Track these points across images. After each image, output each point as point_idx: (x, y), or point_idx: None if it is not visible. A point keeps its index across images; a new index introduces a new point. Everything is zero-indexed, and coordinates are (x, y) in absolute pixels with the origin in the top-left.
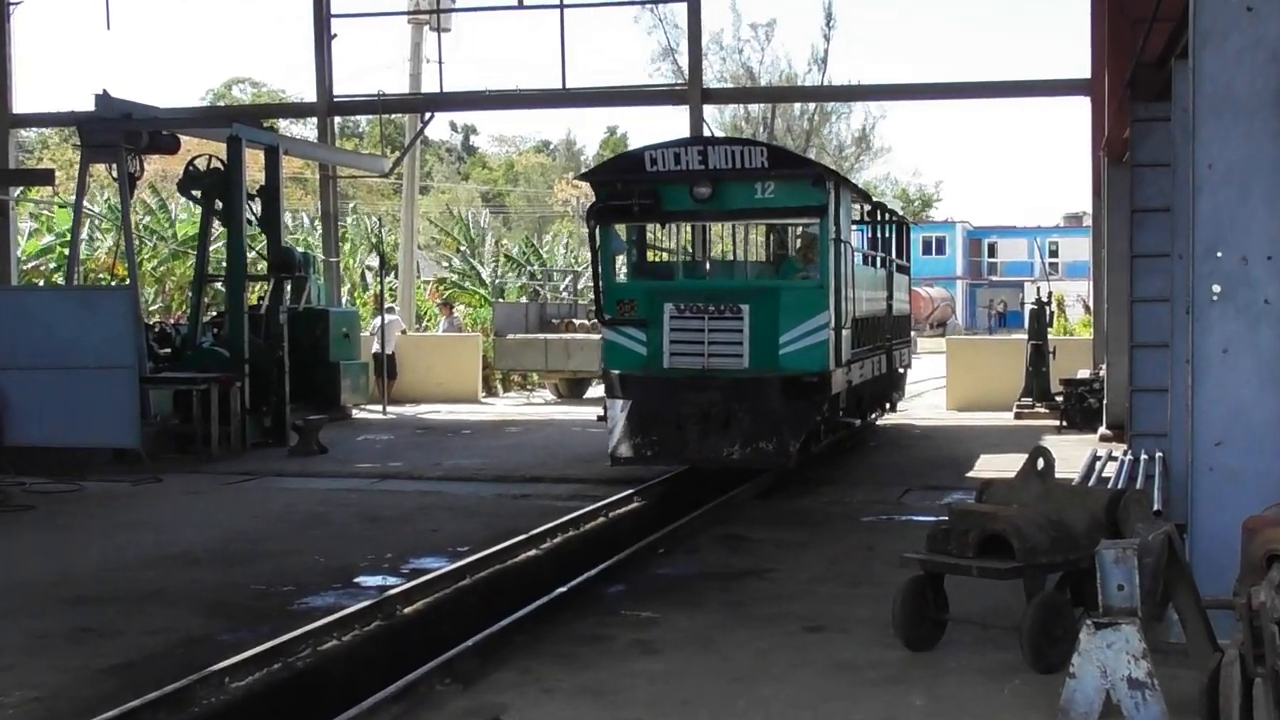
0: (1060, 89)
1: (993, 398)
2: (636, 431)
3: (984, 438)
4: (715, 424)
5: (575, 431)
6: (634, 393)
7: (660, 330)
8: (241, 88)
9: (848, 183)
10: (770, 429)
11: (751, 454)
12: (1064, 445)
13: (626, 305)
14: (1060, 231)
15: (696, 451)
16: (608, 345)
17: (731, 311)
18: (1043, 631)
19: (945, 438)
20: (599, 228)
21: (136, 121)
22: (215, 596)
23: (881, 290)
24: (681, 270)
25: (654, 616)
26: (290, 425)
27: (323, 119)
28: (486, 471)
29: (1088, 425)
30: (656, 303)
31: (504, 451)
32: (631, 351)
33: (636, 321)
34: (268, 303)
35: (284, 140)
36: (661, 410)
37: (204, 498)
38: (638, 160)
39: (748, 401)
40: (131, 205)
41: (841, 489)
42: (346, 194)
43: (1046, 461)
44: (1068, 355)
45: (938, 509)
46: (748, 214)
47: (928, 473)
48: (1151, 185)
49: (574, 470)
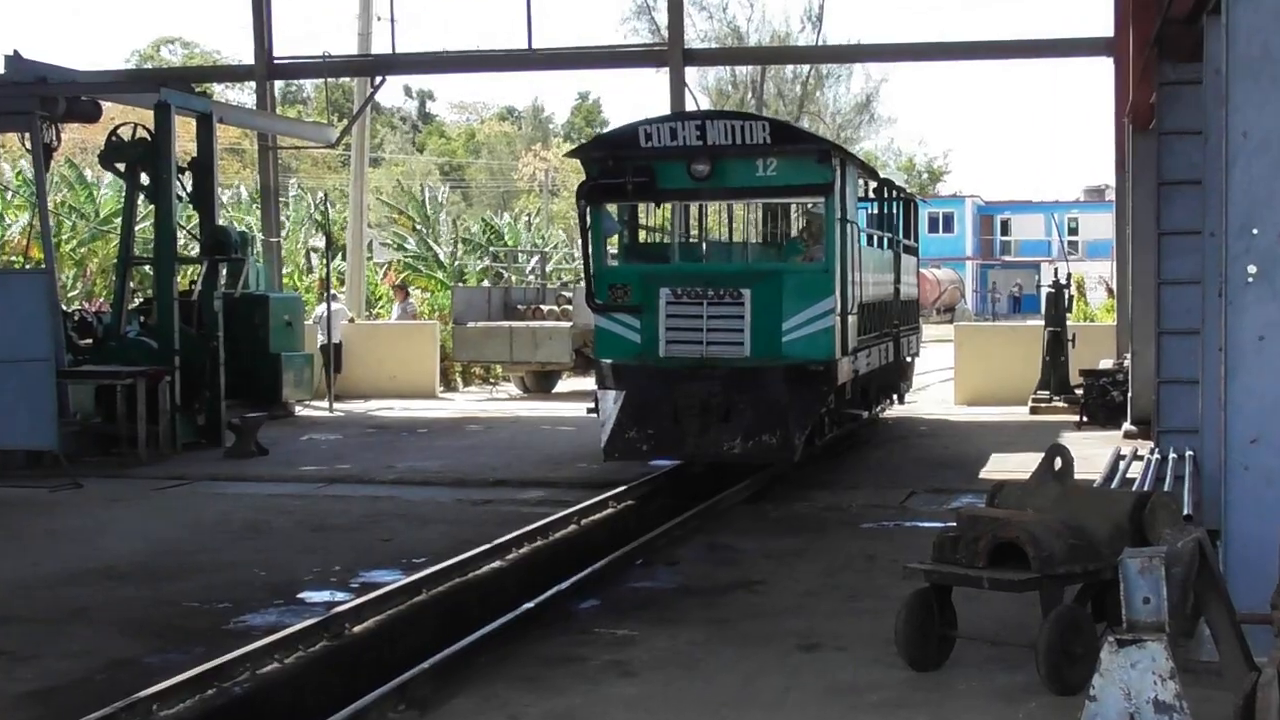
0: (1079, 49)
1: (1006, 391)
2: (631, 424)
3: (996, 435)
4: (715, 416)
5: (544, 430)
6: (628, 383)
7: (656, 317)
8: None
9: (854, 159)
10: (773, 421)
11: (753, 448)
12: (1084, 443)
13: (619, 290)
14: (1080, 207)
15: (695, 445)
16: (599, 333)
17: (731, 296)
18: (1060, 649)
19: (953, 435)
20: (590, 207)
21: (52, 86)
22: (142, 615)
23: (889, 273)
24: (678, 253)
25: (631, 635)
26: (226, 424)
27: (262, 83)
28: (445, 474)
29: (1110, 421)
30: (651, 287)
31: (464, 452)
32: (625, 339)
33: (630, 307)
34: (200, 288)
35: (218, 107)
36: (657, 402)
37: (130, 505)
38: (631, 135)
39: (749, 392)
40: (48, 179)
41: (838, 493)
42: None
43: (1064, 461)
44: (1088, 343)
45: (945, 514)
46: (748, 193)
47: (934, 474)
48: (1180, 155)
49: (543, 473)
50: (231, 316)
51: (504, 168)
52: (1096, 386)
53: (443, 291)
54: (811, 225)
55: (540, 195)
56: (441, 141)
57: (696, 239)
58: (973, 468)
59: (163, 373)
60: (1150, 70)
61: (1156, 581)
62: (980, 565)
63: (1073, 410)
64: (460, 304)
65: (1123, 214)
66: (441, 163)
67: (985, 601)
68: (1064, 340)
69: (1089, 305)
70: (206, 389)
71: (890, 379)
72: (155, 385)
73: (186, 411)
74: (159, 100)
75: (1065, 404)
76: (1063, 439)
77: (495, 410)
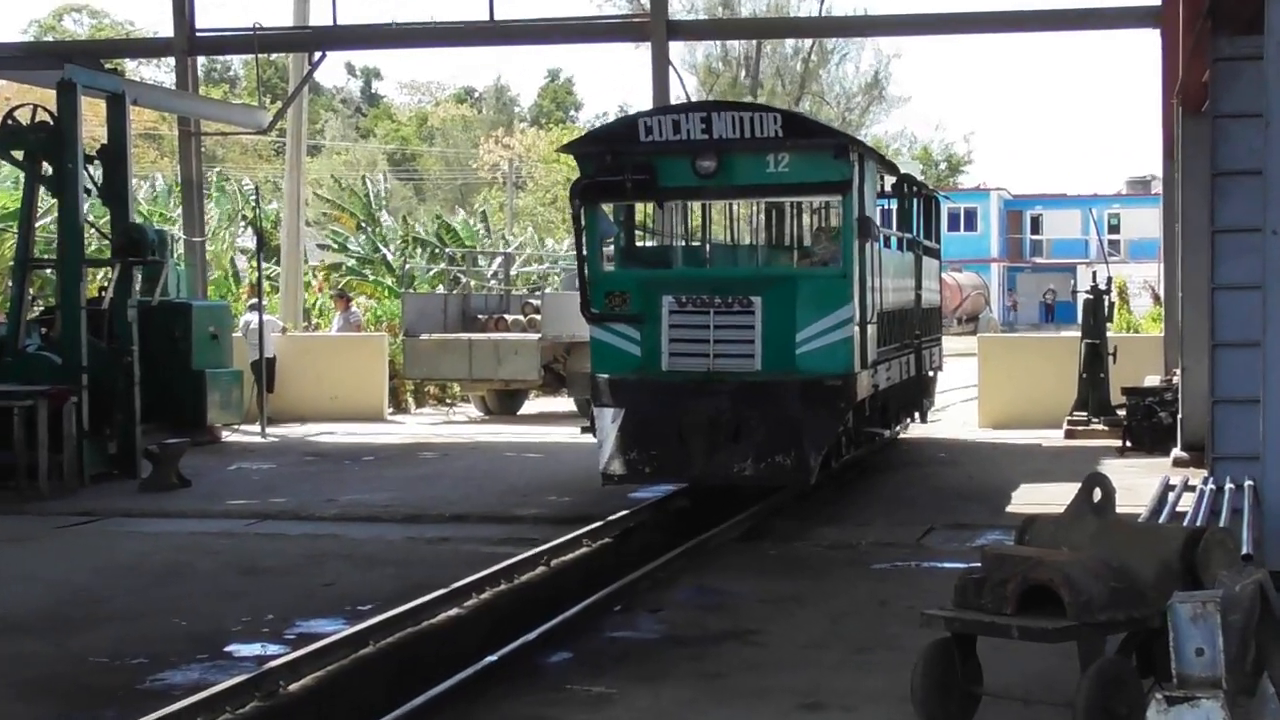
0: (1121, 19)
1: (1037, 412)
2: (631, 445)
3: (1026, 462)
4: (723, 435)
5: (509, 457)
6: (627, 400)
7: (657, 327)
8: (76, 18)
9: (873, 153)
10: (788, 440)
11: (766, 470)
12: (1127, 472)
13: (617, 298)
14: (1122, 201)
15: (702, 467)
16: (596, 345)
17: (740, 304)
18: (1101, 708)
19: (976, 462)
20: (584, 208)
21: None
22: (44, 672)
23: (909, 278)
24: (681, 257)
25: (609, 692)
26: (142, 452)
27: (182, 59)
28: (395, 509)
29: (1158, 446)
30: (652, 295)
31: (417, 483)
32: (623, 352)
33: (629, 317)
34: (112, 295)
35: (132, 86)
36: (660, 420)
37: (29, 546)
38: (630, 128)
39: (761, 409)
40: None
41: (846, 528)
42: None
43: (1105, 492)
44: (1132, 358)
45: (968, 553)
46: (758, 191)
47: (955, 507)
48: (1238, 141)
49: (507, 507)
50: (148, 328)
51: (462, 157)
52: (1141, 407)
53: (392, 299)
54: (828, 227)
55: (504, 188)
56: (390, 127)
57: (701, 241)
58: (999, 500)
59: (67, 393)
60: (1203, 44)
61: (1211, 630)
62: (1009, 612)
63: (1114, 434)
64: (412, 313)
65: (1171, 209)
66: (390, 151)
67: (1015, 653)
68: (1104, 354)
69: (1132, 314)
70: (119, 411)
71: (911, 395)
72: (59, 407)
73: (96, 437)
74: (63, 78)
75: (1105, 427)
76: (1103, 467)
77: (453, 435)
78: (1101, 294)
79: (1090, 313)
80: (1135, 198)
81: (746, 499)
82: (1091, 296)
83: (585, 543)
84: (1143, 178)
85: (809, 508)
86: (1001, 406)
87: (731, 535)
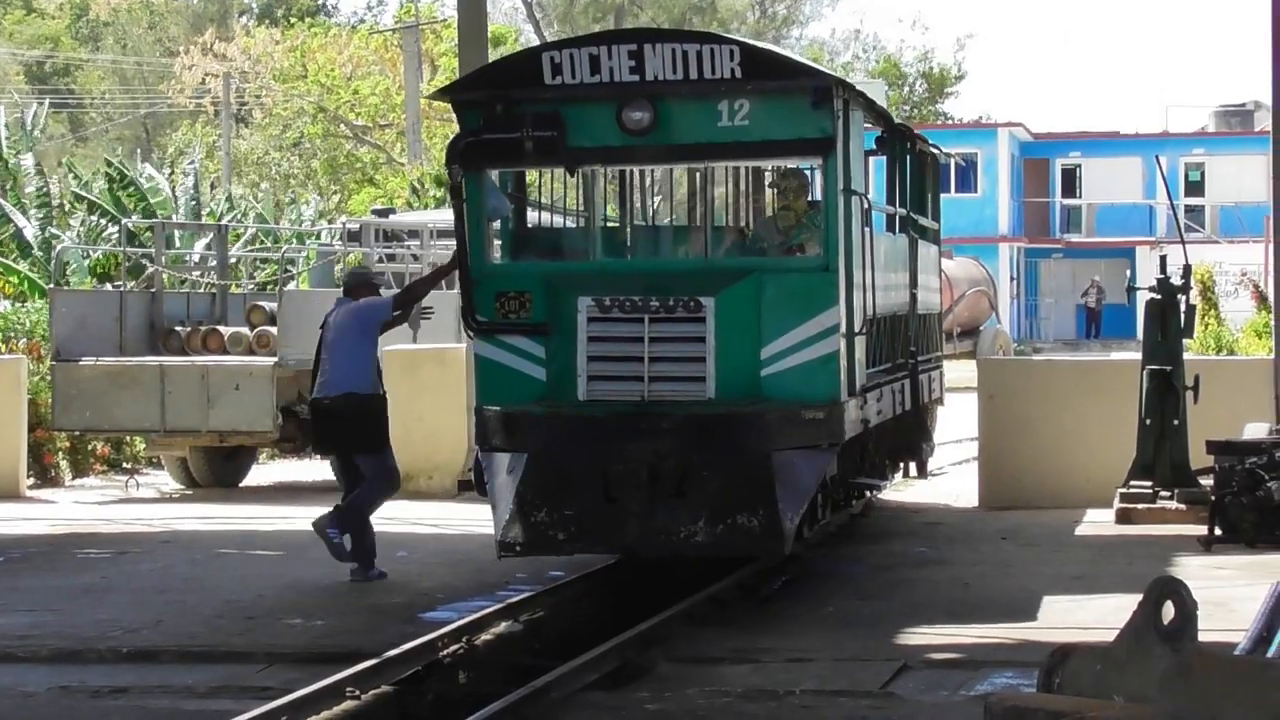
0: None
1: (1070, 480)
2: (539, 503)
3: (1053, 559)
4: (666, 488)
5: (228, 557)
6: (531, 442)
7: (572, 340)
8: None
9: (862, 98)
10: (753, 495)
11: (724, 534)
12: (1216, 576)
13: (512, 300)
14: (1208, 143)
15: (639, 532)
16: (482, 367)
17: (686, 309)
18: None
19: (975, 555)
20: (466, 176)
21: None
22: None
23: (903, 271)
24: (603, 244)
25: None
26: None
27: None
28: (39, 641)
29: (1267, 533)
30: (563, 296)
31: (78, 599)
32: (523, 376)
33: (530, 327)
34: None
35: None
36: (579, 468)
37: None
38: (531, 66)
39: (715, 452)
40: None
41: (771, 664)
42: None
43: (1181, 609)
44: (1223, 392)
45: (964, 704)
46: (708, 152)
47: (941, 630)
48: None
49: (224, 636)
50: None
51: (148, 71)
52: (1239, 472)
53: (32, 298)
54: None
55: (217, 123)
56: (35, 23)
57: (631, 222)
58: (1012, 618)
59: None
60: None
61: None
62: None
63: (1195, 516)
64: (66, 323)
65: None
66: (30, 61)
67: None
68: (1179, 388)
69: (1224, 323)
70: None
71: (906, 436)
72: None
73: None
74: None
75: (1182, 505)
76: (1177, 569)
77: (135, 521)
78: (1175, 291)
79: (1157, 322)
80: (1227, 138)
81: (690, 581)
82: (1159, 296)
83: (348, 694)
84: (1240, 106)
85: (714, 631)
86: (1014, 472)
87: (586, 679)
